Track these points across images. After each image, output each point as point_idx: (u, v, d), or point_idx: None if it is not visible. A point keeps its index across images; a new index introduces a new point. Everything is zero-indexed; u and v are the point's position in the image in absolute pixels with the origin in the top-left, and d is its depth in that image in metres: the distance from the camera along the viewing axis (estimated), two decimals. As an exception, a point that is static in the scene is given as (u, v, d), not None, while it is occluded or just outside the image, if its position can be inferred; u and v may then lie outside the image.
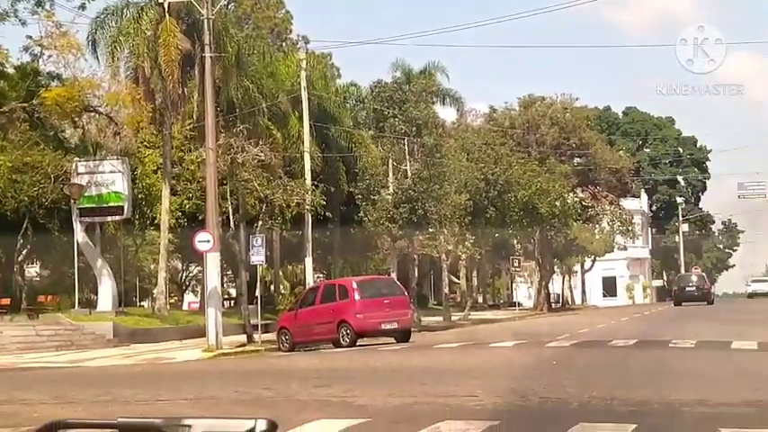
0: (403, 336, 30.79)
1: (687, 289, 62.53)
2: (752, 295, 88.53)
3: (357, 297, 30.46)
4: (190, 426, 3.08)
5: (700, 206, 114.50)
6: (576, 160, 72.20)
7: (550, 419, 11.62)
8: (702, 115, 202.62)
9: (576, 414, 11.62)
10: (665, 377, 16.50)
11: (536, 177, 52.91)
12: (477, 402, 13.12)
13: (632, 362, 20.25)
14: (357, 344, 30.00)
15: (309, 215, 42.29)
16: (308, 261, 44.03)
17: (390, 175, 44.54)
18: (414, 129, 44.90)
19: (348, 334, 30.06)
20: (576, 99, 73.65)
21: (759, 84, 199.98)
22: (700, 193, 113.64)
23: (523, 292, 76.52)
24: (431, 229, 44.87)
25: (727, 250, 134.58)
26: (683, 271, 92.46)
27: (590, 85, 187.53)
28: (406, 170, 44.55)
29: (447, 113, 58.16)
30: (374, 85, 48.65)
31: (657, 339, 25.73)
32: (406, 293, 33.38)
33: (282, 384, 17.26)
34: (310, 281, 43.37)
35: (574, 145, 69.73)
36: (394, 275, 42.48)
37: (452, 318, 47.17)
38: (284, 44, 56.77)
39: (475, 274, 68.51)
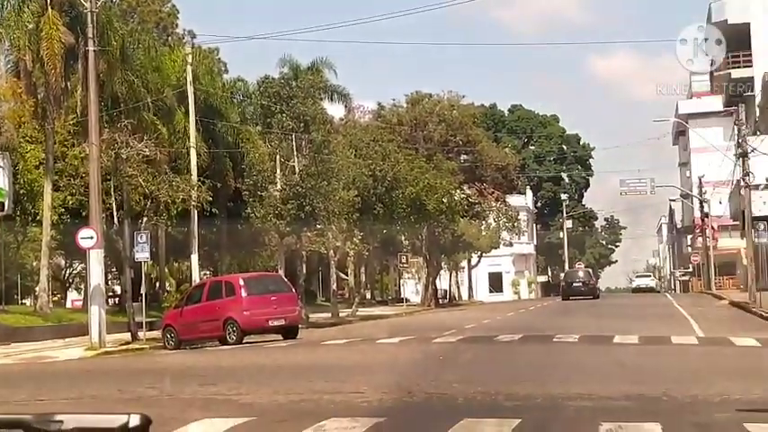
0: (290, 332, 30.71)
1: (574, 284, 64.24)
2: (636, 290, 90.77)
3: (244, 294, 30.26)
4: (61, 421, 3.00)
5: (583, 203, 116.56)
6: (463, 157, 72.82)
7: (435, 415, 11.64)
8: (586, 113, 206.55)
9: (461, 409, 11.67)
10: (549, 372, 16.70)
11: (423, 174, 53.17)
12: (364, 399, 13.09)
13: (517, 357, 20.47)
14: (244, 341, 29.82)
15: (195, 211, 41.86)
16: (194, 258, 43.59)
17: (278, 171, 44.27)
18: (301, 125, 44.71)
19: (235, 331, 29.83)
20: (463, 96, 74.33)
21: (639, 83, 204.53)
22: (583, 190, 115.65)
23: (411, 288, 76.90)
24: (319, 226, 44.76)
25: (609, 246, 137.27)
26: (566, 267, 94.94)
27: (476, 83, 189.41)
28: (293, 166, 44.33)
29: (335, 110, 58.10)
30: (261, 80, 48.33)
31: (542, 334, 26.07)
32: (293, 290, 33.32)
33: (167, 383, 17.00)
34: (196, 278, 42.93)
35: (461, 142, 70.32)
36: (281, 272, 42.26)
37: (340, 314, 47.13)
38: (170, 39, 56.00)
39: (363, 270, 68.59)
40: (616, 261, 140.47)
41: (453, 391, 13.67)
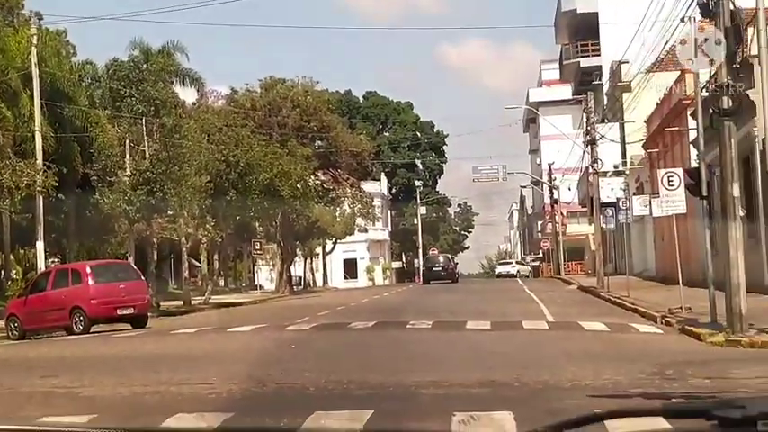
0: (139, 321, 30.15)
1: (434, 269, 67.92)
2: (499, 275, 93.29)
3: (91, 282, 29.54)
4: None
5: (437, 189, 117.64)
6: (318, 143, 72.53)
7: (286, 408, 11.33)
8: (439, 100, 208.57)
9: (312, 401, 11.40)
10: (403, 360, 16.59)
11: (277, 160, 52.69)
12: (212, 390, 12.72)
13: (370, 344, 20.31)
14: (91, 330, 29.08)
15: (41, 197, 40.55)
16: (40, 245, 42.19)
17: (128, 156, 43.27)
18: (152, 109, 43.80)
19: (82, 320, 29.09)
20: (318, 82, 73.98)
21: (490, 71, 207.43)
22: (437, 177, 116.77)
23: (265, 275, 76.34)
24: (170, 212, 43.92)
25: (462, 232, 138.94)
26: (421, 253, 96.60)
27: (331, 69, 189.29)
28: (144, 151, 43.37)
29: (187, 94, 57.16)
30: (110, 63, 47.12)
31: (396, 321, 25.99)
32: (142, 278, 32.68)
33: (6, 375, 16.30)
34: (42, 266, 41.61)
35: (315, 128, 69.98)
36: (131, 259, 41.36)
37: (193, 302, 46.38)
38: (15, 20, 54.12)
39: (216, 256, 67.79)
40: (468, 247, 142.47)
41: (305, 381, 13.41)
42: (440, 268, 67.65)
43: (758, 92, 19.58)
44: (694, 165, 29.00)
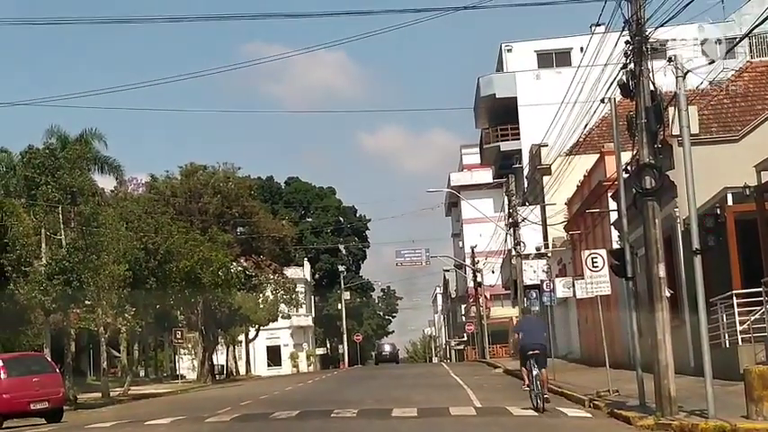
0: (54, 415, 29.32)
1: (383, 353, 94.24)
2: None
3: (3, 376, 28.70)
4: None
5: (360, 274, 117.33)
6: (240, 229, 71.96)
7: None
8: (361, 186, 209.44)
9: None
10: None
11: (198, 246, 52.05)
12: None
13: (294, 435, 19.74)
14: (4, 426, 28.13)
15: (-48, 289, 39.36)
16: (-48, 338, 40.92)
17: (43, 245, 42.20)
18: (69, 197, 42.86)
19: (-7, 416, 28.03)
20: (239, 168, 73.58)
21: (410, 156, 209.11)
22: (360, 261, 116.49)
23: (187, 364, 75.01)
24: (88, 302, 42.89)
25: (386, 317, 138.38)
26: (345, 338, 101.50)
27: (252, 156, 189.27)
28: (60, 240, 42.40)
29: (106, 182, 56.36)
30: (26, 151, 46.22)
31: (320, 409, 25.39)
32: (57, 370, 31.79)
33: None
34: (-46, 359, 40.21)
35: (237, 214, 69.45)
36: (48, 351, 40.23)
37: (111, 393, 45.16)
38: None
39: (136, 346, 66.39)
40: (393, 331, 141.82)
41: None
42: (387, 353, 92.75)
43: (679, 172, 19.60)
44: (616, 246, 29.06)
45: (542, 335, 22.70)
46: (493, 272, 74.27)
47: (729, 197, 26.25)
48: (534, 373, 21.75)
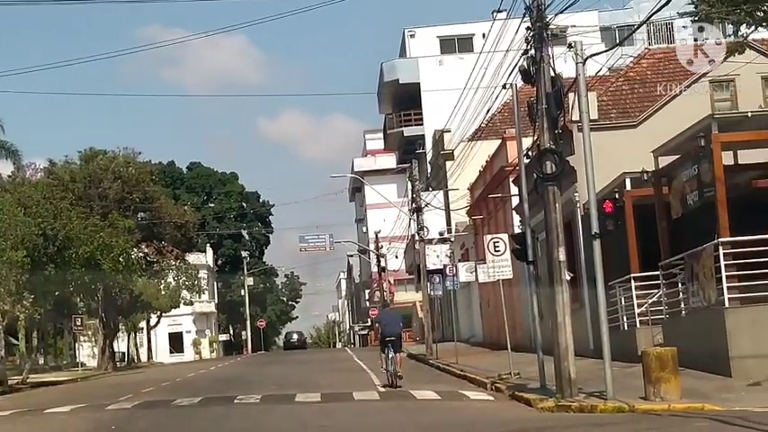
0: (-51, 406, 28.50)
1: (291, 340, 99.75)
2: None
3: None
4: None
5: (264, 260, 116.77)
6: (141, 215, 70.91)
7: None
8: (264, 171, 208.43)
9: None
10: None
11: (98, 232, 51.25)
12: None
13: (196, 421, 19.59)
14: None
15: None
16: None
17: (-62, 231, 41.29)
18: (-36, 182, 41.99)
19: None
20: (140, 153, 72.34)
21: (314, 142, 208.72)
22: (264, 247, 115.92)
23: (87, 352, 73.95)
24: (-16, 289, 42.00)
25: (290, 302, 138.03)
26: (248, 325, 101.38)
27: (154, 141, 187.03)
28: (-45, 226, 41.49)
29: (2, 167, 55.19)
30: None
31: (223, 396, 25.26)
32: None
33: None
34: None
35: (138, 199, 68.43)
36: (-58, 340, 39.32)
37: (10, 382, 44.31)
38: None
39: (35, 334, 65.21)
40: (297, 317, 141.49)
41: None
42: (295, 340, 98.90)
43: (579, 157, 19.86)
44: (518, 230, 29.39)
45: (398, 325, 26.64)
46: (396, 257, 74.51)
47: (628, 182, 26.67)
48: (390, 356, 25.60)
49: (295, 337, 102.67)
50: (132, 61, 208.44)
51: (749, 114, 22.63)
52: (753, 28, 21.52)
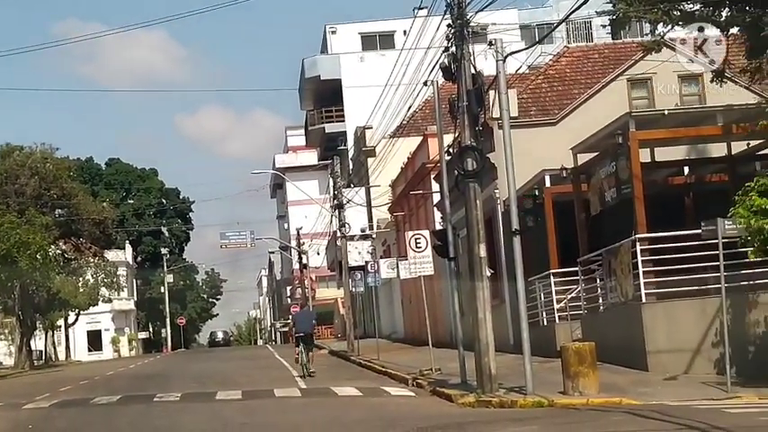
0: None
1: (216, 339, 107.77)
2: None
3: None
4: None
5: (184, 257, 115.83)
6: (59, 211, 69.89)
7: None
8: (184, 167, 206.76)
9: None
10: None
11: (15, 229, 50.47)
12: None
13: (115, 420, 19.36)
14: None
15: None
16: None
17: None
18: None
19: None
20: (57, 149, 71.30)
21: (233, 138, 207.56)
22: (184, 244, 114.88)
23: (4, 350, 72.85)
24: None
25: (211, 299, 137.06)
26: (168, 322, 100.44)
27: (71, 137, 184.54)
28: None
29: None
30: None
31: (143, 394, 25.01)
32: None
33: None
34: None
35: (55, 196, 67.40)
36: None
37: None
38: None
39: (-51, 333, 64.10)
40: (218, 314, 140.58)
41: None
42: (220, 339, 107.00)
43: (500, 154, 20.00)
44: (439, 227, 29.50)
45: (310, 324, 30.54)
46: (318, 253, 74.32)
47: (547, 179, 26.93)
48: (301, 349, 28.77)
49: (220, 335, 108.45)
50: (48, 56, 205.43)
51: (666, 112, 22.98)
52: (669, 27, 21.83)
